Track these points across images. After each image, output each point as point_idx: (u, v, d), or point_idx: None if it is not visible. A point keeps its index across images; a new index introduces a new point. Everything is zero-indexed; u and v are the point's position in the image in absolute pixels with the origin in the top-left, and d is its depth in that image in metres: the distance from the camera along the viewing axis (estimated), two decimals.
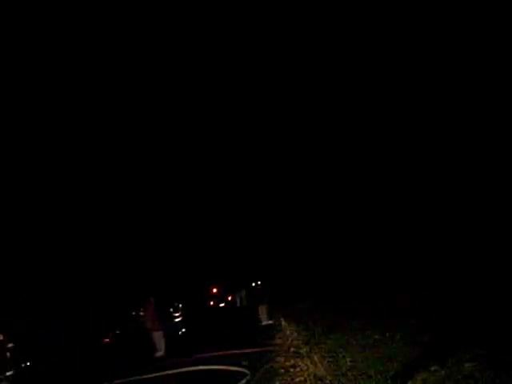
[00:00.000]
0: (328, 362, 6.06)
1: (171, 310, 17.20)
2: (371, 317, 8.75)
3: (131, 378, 8.43)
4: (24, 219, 16.57)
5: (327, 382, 5.20)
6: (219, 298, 31.06)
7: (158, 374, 8.31)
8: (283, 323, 12.26)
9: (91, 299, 17.63)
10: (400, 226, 17.30)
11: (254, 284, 21.86)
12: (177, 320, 17.20)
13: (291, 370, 6.23)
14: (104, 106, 20.13)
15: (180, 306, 17.97)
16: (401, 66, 16.91)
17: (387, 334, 6.71)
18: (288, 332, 10.27)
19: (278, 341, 9.38)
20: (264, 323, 13.69)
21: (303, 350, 7.27)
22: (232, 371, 7.07)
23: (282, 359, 7.02)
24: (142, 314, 14.94)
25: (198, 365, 8.18)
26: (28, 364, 14.55)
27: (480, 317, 6.49)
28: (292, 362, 6.67)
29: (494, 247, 11.50)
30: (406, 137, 17.14)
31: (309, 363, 6.21)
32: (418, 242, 15.68)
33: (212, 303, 30.26)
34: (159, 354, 11.27)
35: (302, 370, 6.07)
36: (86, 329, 17.33)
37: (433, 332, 6.25)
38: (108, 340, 18.83)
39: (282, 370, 6.30)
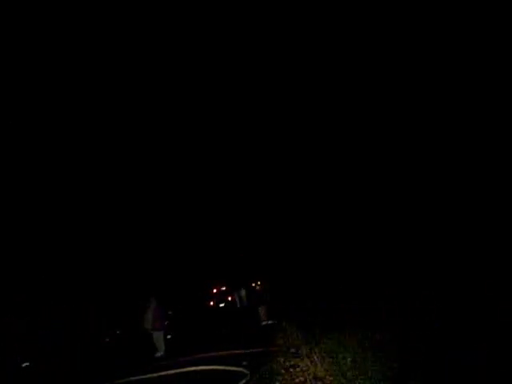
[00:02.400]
0: (328, 362, 6.06)
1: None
2: (371, 317, 8.75)
3: (131, 378, 8.42)
4: (24, 219, 16.56)
5: (327, 382, 5.21)
6: (219, 298, 31.02)
7: (158, 374, 8.30)
8: (283, 323, 12.26)
9: (91, 299, 17.62)
10: (400, 225, 17.29)
11: (253, 284, 21.83)
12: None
13: (291, 370, 6.23)
14: (104, 105, 20.13)
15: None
16: (400, 66, 16.90)
17: (388, 335, 6.72)
18: (288, 332, 10.27)
19: (278, 341, 9.38)
20: (264, 323, 13.69)
21: (303, 351, 7.27)
22: (232, 371, 7.07)
23: (282, 359, 7.02)
24: (142, 313, 14.88)
25: (197, 365, 8.18)
26: (28, 364, 14.54)
27: (480, 316, 6.49)
28: (292, 362, 6.67)
29: (493, 247, 11.49)
30: (405, 136, 17.14)
31: (309, 363, 6.21)
32: (418, 241, 15.67)
33: (212, 303, 30.23)
34: (159, 353, 11.27)
35: (302, 370, 6.08)
36: (86, 329, 17.33)
37: (433, 332, 6.25)
38: (108, 340, 18.82)
39: (282, 370, 6.30)
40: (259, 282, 18.71)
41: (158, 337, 11.49)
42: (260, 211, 25.14)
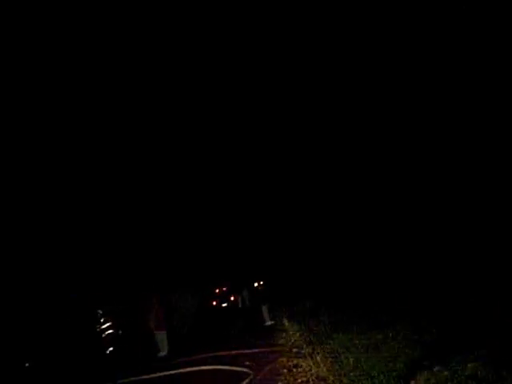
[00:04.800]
0: (331, 362, 6.07)
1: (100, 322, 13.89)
2: (373, 317, 8.75)
3: (134, 378, 8.44)
4: (23, 218, 16.61)
5: (330, 382, 5.22)
6: (222, 298, 31.06)
7: (160, 374, 8.32)
8: (286, 323, 12.26)
9: (91, 298, 17.65)
10: (400, 225, 17.27)
11: (256, 284, 21.81)
12: (107, 333, 14.43)
13: (294, 370, 6.25)
14: (104, 105, 20.17)
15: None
16: (401, 66, 16.88)
17: (390, 335, 6.73)
18: (291, 332, 10.28)
19: (281, 341, 9.39)
20: (267, 323, 13.69)
21: (306, 351, 7.28)
22: (235, 371, 7.08)
23: (285, 359, 7.03)
24: (145, 313, 14.88)
25: (200, 365, 8.20)
26: (28, 364, 14.53)
27: (480, 317, 6.50)
28: (295, 362, 6.68)
29: (493, 248, 11.47)
30: (405, 137, 17.11)
31: (311, 363, 6.22)
32: (419, 242, 15.65)
33: (215, 303, 30.28)
34: (162, 353, 11.29)
35: (304, 370, 6.09)
36: (86, 328, 17.33)
37: (435, 332, 6.26)
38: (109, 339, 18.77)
39: (285, 370, 6.31)
40: (262, 282, 18.70)
41: (161, 336, 11.52)
42: (262, 212, 25.18)
